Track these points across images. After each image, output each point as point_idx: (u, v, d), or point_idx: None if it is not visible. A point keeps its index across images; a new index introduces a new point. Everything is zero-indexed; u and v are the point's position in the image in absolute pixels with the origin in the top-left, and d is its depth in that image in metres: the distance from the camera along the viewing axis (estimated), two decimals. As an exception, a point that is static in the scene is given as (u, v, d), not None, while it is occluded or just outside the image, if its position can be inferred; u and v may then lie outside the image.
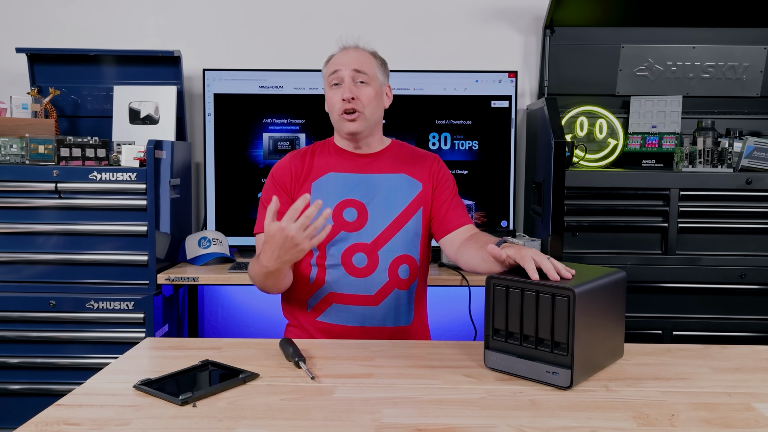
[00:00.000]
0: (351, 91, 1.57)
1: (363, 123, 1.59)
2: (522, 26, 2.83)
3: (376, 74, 1.63)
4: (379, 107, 1.64)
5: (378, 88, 1.63)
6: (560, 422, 1.01)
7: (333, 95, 1.60)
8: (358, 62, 1.60)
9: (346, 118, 1.58)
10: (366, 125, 1.60)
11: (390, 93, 1.70)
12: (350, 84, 1.58)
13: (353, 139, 1.63)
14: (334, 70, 1.60)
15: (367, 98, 1.59)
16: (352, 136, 1.62)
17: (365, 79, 1.59)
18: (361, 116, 1.59)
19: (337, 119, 1.61)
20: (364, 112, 1.59)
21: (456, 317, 2.73)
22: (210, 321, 2.89)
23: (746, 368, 1.28)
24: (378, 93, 1.62)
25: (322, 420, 1.01)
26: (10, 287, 2.29)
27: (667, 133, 2.58)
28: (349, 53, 1.62)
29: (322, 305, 1.60)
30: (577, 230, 2.37)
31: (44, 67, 2.69)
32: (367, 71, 1.60)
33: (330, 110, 1.64)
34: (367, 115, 1.59)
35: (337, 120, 1.62)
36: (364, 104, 1.59)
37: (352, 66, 1.59)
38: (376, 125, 1.65)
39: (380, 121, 1.67)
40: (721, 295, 2.36)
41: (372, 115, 1.61)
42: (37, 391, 2.30)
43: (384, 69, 1.68)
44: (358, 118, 1.58)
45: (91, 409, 1.05)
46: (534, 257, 1.19)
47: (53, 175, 2.26)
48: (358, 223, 1.59)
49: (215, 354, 1.31)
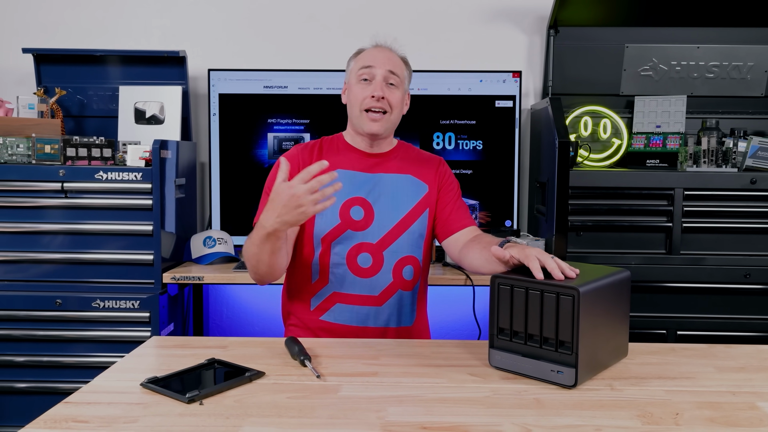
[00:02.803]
0: (383, 91, 1.56)
1: (385, 125, 1.58)
2: (526, 26, 2.83)
3: (405, 79, 1.63)
4: (401, 112, 1.65)
5: (404, 93, 1.63)
6: (565, 421, 1.01)
7: (360, 90, 1.58)
8: (392, 64, 1.59)
9: (370, 117, 1.57)
10: (387, 128, 1.59)
11: (408, 100, 1.69)
12: (382, 83, 1.57)
13: (372, 138, 1.61)
14: (367, 64, 1.58)
15: (395, 101, 1.58)
16: (372, 137, 1.61)
17: (396, 82, 1.59)
18: (386, 118, 1.58)
19: (358, 115, 1.58)
20: (390, 115, 1.58)
21: (460, 316, 2.73)
22: (215, 320, 2.90)
23: (750, 367, 1.28)
24: (403, 99, 1.63)
25: (328, 418, 1.02)
26: (16, 286, 2.31)
27: (671, 132, 2.58)
28: (384, 52, 1.61)
29: (326, 304, 1.60)
30: (582, 230, 2.37)
31: (50, 68, 2.70)
32: (399, 74, 1.60)
33: (351, 104, 1.61)
34: (392, 119, 1.59)
35: (357, 116, 1.59)
36: (392, 106, 1.58)
37: (388, 66, 1.58)
38: (394, 128, 1.65)
39: (397, 125, 1.67)
40: (725, 295, 2.36)
41: (395, 119, 1.61)
42: (43, 389, 2.31)
43: (410, 77, 1.68)
44: (381, 119, 1.57)
45: (99, 407, 1.05)
46: (538, 256, 1.19)
47: (59, 175, 2.27)
48: (365, 222, 1.60)
49: (221, 352, 1.32)
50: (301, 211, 1.28)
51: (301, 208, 1.27)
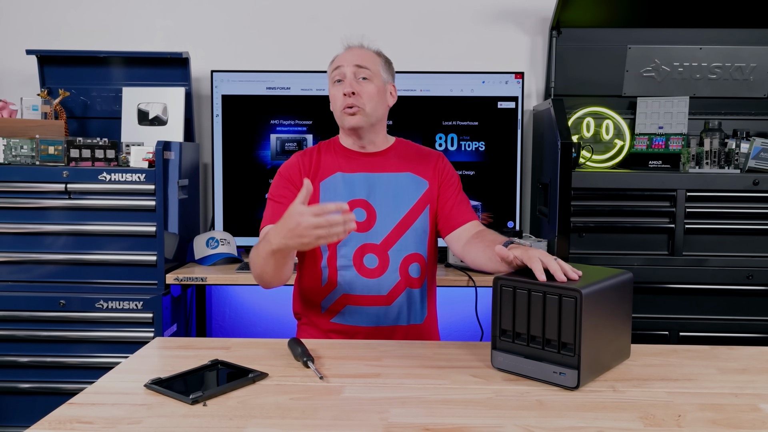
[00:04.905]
0: (352, 86, 1.56)
1: (363, 118, 1.58)
2: (528, 27, 2.83)
3: (379, 71, 1.62)
4: (382, 104, 1.63)
5: (381, 85, 1.62)
6: (567, 422, 1.01)
7: (336, 92, 1.60)
8: (360, 58, 1.60)
9: (347, 113, 1.58)
10: (366, 121, 1.59)
11: (395, 92, 1.69)
12: (351, 79, 1.58)
13: (355, 134, 1.62)
14: (336, 66, 1.61)
15: (368, 94, 1.58)
16: (353, 131, 1.61)
17: (367, 74, 1.59)
18: (362, 111, 1.57)
19: (339, 115, 1.60)
20: (365, 108, 1.58)
21: (463, 317, 2.73)
22: (218, 321, 2.90)
23: (753, 369, 1.28)
24: (380, 90, 1.61)
25: (331, 419, 1.02)
26: (20, 287, 2.31)
27: (673, 134, 2.58)
28: (353, 51, 1.62)
29: (336, 307, 1.60)
30: (584, 231, 2.37)
31: (54, 69, 2.71)
32: (370, 67, 1.60)
33: (333, 107, 1.63)
34: (368, 111, 1.58)
35: (339, 116, 1.61)
36: (365, 100, 1.58)
37: (354, 62, 1.59)
38: (379, 123, 1.64)
39: (383, 119, 1.66)
40: (727, 296, 2.36)
41: (373, 112, 1.60)
42: (47, 390, 2.32)
43: (388, 68, 1.67)
44: (357, 113, 1.57)
45: (103, 408, 1.06)
46: (541, 258, 1.19)
47: (63, 176, 2.28)
48: (367, 223, 1.60)
49: (224, 354, 1.32)
50: (304, 242, 1.25)
51: (304, 239, 1.24)
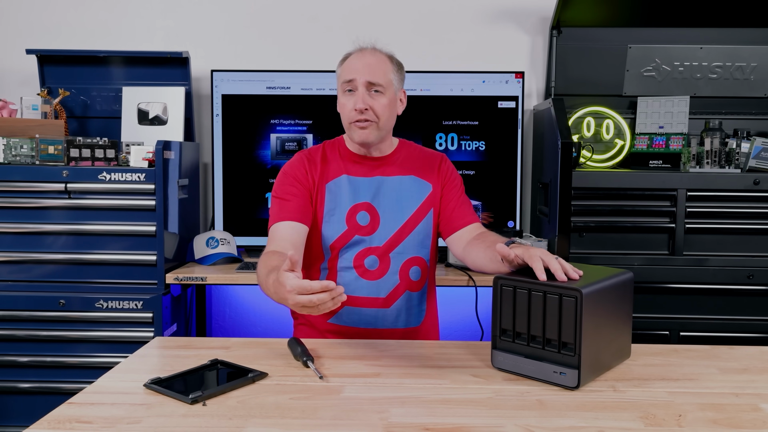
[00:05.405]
0: (364, 102, 1.53)
1: (374, 132, 1.56)
2: (529, 27, 2.83)
3: (391, 81, 1.58)
4: (393, 115, 1.61)
5: (392, 95, 1.59)
6: (567, 422, 1.01)
7: (346, 101, 1.57)
8: (372, 73, 1.54)
9: (358, 126, 1.55)
10: (377, 135, 1.57)
11: (404, 98, 1.66)
12: (364, 94, 1.54)
13: (365, 147, 1.61)
14: (348, 78, 1.56)
15: (380, 108, 1.55)
16: (364, 145, 1.60)
17: (380, 88, 1.55)
18: (373, 126, 1.55)
19: (348, 126, 1.58)
20: (378, 122, 1.56)
21: (463, 317, 2.73)
22: (218, 321, 2.90)
23: (754, 369, 1.28)
24: (392, 101, 1.58)
25: (330, 419, 1.02)
26: (20, 287, 2.31)
27: (674, 133, 2.58)
28: (365, 57, 1.57)
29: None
30: (584, 231, 2.37)
31: (54, 69, 2.71)
32: (382, 81, 1.55)
33: (342, 115, 1.61)
34: (380, 125, 1.56)
35: (348, 127, 1.59)
36: (377, 115, 1.55)
37: (367, 77, 1.54)
38: (388, 133, 1.63)
39: (392, 128, 1.65)
40: (728, 296, 2.36)
41: (385, 125, 1.58)
42: (47, 389, 2.32)
43: (400, 73, 1.63)
44: (369, 127, 1.55)
45: (102, 408, 1.06)
46: (542, 257, 1.19)
47: (63, 176, 2.28)
48: (371, 227, 1.60)
49: (224, 353, 1.32)
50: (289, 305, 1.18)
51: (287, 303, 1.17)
